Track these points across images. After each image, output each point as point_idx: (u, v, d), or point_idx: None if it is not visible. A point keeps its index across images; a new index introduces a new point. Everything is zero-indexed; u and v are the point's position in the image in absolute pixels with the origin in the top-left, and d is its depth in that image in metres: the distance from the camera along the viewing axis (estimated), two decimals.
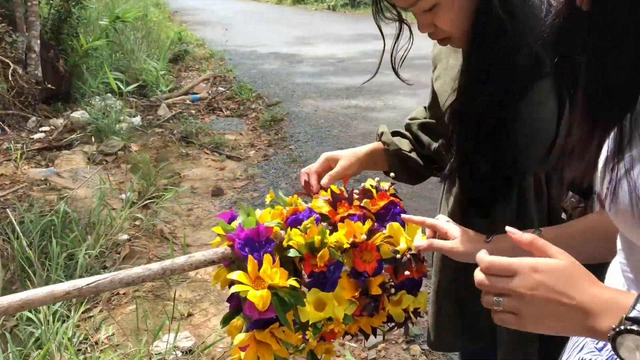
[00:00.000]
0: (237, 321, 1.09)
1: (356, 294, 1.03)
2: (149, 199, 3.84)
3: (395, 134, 1.39)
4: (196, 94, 6.76)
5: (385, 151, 1.36)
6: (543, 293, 0.69)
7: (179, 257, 1.01)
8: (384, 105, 6.22)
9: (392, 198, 1.12)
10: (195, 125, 5.56)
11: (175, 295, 2.72)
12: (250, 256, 0.98)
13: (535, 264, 0.70)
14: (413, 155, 1.36)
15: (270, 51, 9.80)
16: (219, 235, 1.07)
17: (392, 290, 1.05)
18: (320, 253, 1.00)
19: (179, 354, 2.43)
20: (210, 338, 2.51)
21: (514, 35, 1.02)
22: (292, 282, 0.98)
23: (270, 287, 0.97)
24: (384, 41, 1.17)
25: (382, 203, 1.11)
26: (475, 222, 1.17)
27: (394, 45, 1.18)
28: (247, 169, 4.66)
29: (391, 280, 1.07)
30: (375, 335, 1.09)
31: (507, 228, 0.77)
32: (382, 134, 1.39)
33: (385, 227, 1.08)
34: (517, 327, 0.72)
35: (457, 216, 1.21)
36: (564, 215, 1.14)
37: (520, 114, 1.07)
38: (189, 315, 2.73)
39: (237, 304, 1.08)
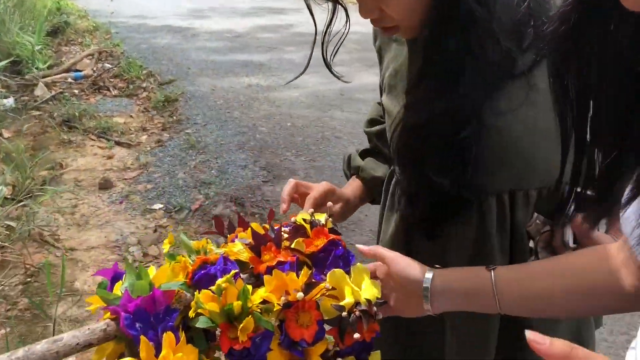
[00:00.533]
0: None
1: None
2: (25, 195, 3.35)
3: (365, 154, 1.22)
4: (79, 71, 6.10)
5: (367, 187, 1.20)
6: None
7: (38, 342, 0.71)
8: (285, 84, 5.94)
9: (331, 236, 0.87)
10: (78, 107, 4.99)
11: (56, 312, 2.35)
12: (143, 337, 0.69)
13: None
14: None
15: (162, 24, 9.13)
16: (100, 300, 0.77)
17: None
18: (242, 324, 0.73)
19: None
20: None
21: (483, 25, 0.81)
22: None
23: None
24: (315, 25, 0.93)
25: (319, 243, 0.85)
26: (423, 247, 0.99)
27: (326, 30, 0.95)
28: (139, 157, 4.23)
29: (335, 345, 0.82)
30: None
31: (529, 336, 0.52)
32: (359, 168, 1.20)
33: (325, 275, 0.83)
34: None
35: (401, 239, 1.03)
36: (531, 244, 0.95)
37: (485, 124, 0.87)
38: None
39: None
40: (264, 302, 0.78)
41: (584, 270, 0.80)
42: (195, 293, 0.76)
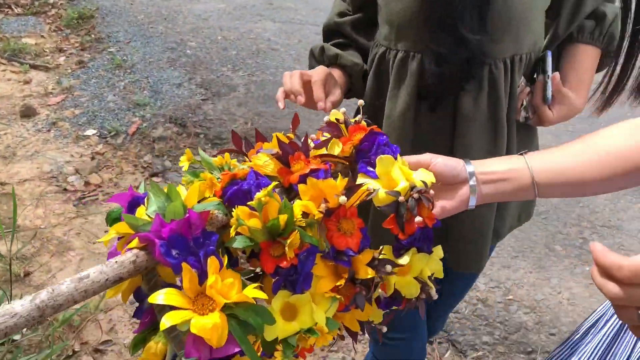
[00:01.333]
0: (157, 344, 0.72)
1: (340, 283, 0.72)
2: None
3: (339, 46, 1.18)
4: None
5: (347, 74, 1.16)
6: None
7: (60, 282, 0.61)
8: None
9: (370, 127, 0.79)
10: None
11: (11, 250, 2.18)
12: (185, 265, 0.61)
13: None
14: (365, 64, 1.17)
15: None
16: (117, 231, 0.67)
17: (387, 269, 0.75)
18: (290, 240, 0.66)
19: None
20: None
21: None
22: (256, 292, 0.64)
23: (223, 307, 0.62)
24: None
25: (359, 136, 0.78)
26: (431, 123, 1.06)
27: None
28: (60, 81, 3.89)
29: (395, 241, 0.76)
30: (363, 331, 0.80)
31: (592, 246, 0.56)
32: (338, 56, 1.15)
33: (372, 165, 0.76)
34: None
35: (411, 113, 1.06)
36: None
37: None
38: (27, 274, 2.21)
39: (152, 318, 0.72)
40: (304, 216, 0.71)
41: (618, 148, 0.79)
42: (230, 212, 0.68)
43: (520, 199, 0.83)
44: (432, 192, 0.76)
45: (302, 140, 0.78)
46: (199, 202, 0.70)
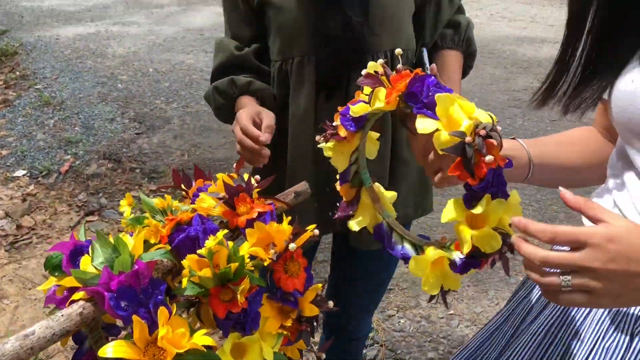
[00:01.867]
0: None
1: (287, 323, 0.74)
2: None
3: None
4: None
5: (261, 100, 1.22)
6: (622, 266, 0.59)
7: (4, 341, 0.60)
8: (138, 28, 5.53)
9: (415, 71, 0.72)
10: None
11: None
12: (136, 318, 0.62)
13: (609, 232, 0.59)
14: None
15: None
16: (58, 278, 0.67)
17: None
18: (242, 286, 0.68)
19: None
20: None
21: None
22: (206, 340, 0.65)
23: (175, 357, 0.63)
24: None
25: (404, 83, 0.70)
26: (327, 108, 1.15)
27: None
28: None
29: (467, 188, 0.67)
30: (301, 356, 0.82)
31: (561, 188, 0.65)
32: (250, 83, 1.21)
33: (422, 108, 0.68)
34: (591, 306, 0.65)
35: (311, 105, 1.19)
36: None
37: None
38: None
39: (93, 359, 0.72)
40: (251, 257, 0.72)
41: (595, 142, 0.90)
42: (177, 258, 0.69)
43: (514, 179, 0.84)
44: (499, 128, 0.68)
45: (247, 181, 0.80)
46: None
